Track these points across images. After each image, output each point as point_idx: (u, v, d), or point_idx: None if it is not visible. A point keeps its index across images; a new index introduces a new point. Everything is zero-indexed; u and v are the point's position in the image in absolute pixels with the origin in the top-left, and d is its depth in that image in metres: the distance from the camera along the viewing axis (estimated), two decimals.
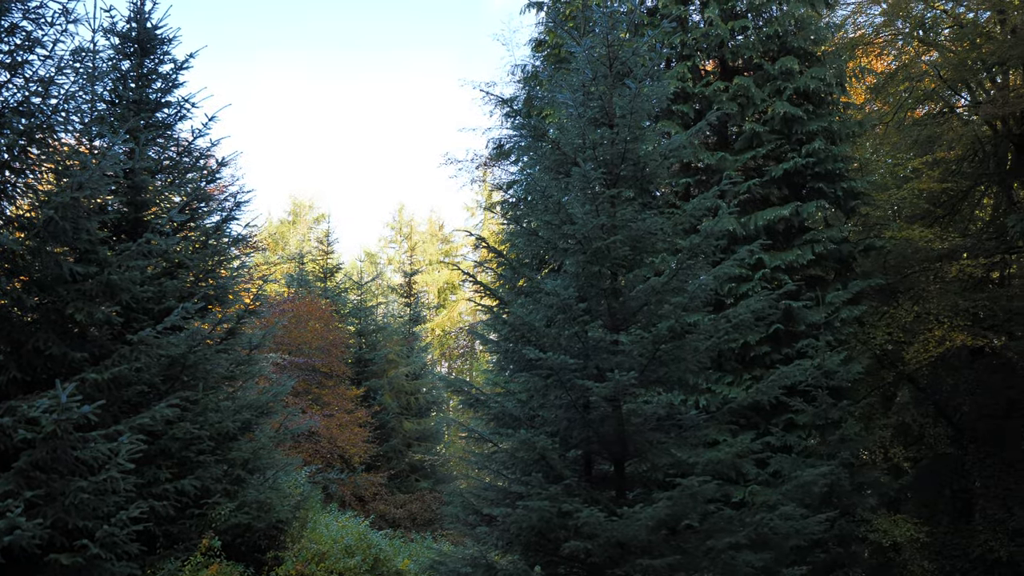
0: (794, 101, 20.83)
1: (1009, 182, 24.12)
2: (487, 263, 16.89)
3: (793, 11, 21.03)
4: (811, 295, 19.84)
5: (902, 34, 26.73)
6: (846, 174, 21.26)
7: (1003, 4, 23.87)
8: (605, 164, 12.18)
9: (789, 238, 20.67)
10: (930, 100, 26.82)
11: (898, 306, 22.68)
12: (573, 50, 12.93)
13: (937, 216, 25.12)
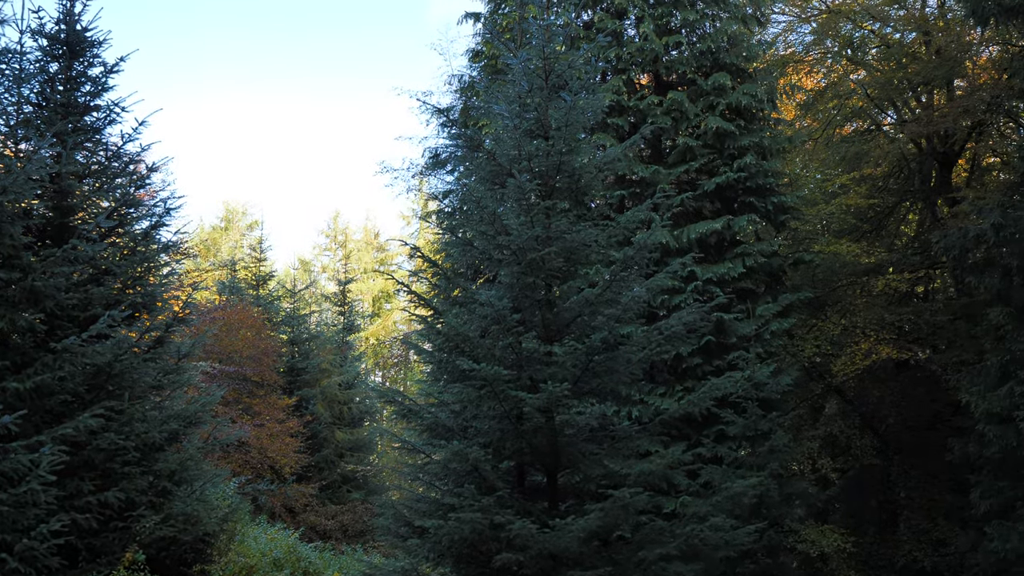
0: (726, 116, 21.13)
1: (933, 199, 24.75)
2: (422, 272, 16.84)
3: (726, 28, 21.36)
4: (742, 308, 20.12)
5: (831, 53, 27.33)
6: (776, 189, 21.62)
7: (928, 26, 24.54)
8: (540, 175, 12.21)
9: (721, 251, 20.94)
10: (858, 118, 27.45)
11: (826, 319, 23.11)
12: (509, 62, 12.95)
13: (864, 231, 25.67)
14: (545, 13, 13.41)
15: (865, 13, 25.90)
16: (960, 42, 23.39)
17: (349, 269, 51.67)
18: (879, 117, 27.47)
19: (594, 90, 13.80)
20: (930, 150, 24.73)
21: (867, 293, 24.47)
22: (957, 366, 20.94)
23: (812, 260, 22.31)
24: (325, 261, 57.36)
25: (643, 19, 21.53)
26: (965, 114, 22.44)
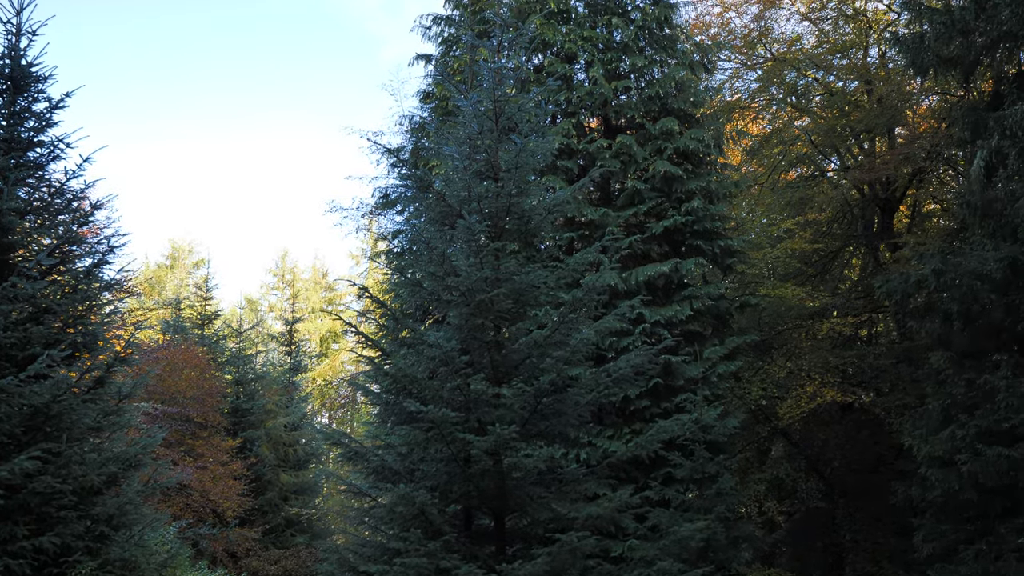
0: (674, 160, 21.37)
1: (876, 244, 25.21)
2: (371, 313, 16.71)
3: (674, 74, 21.67)
4: (689, 350, 20.22)
5: (776, 99, 27.87)
6: (723, 232, 21.85)
7: (870, 75, 25.15)
8: (490, 217, 12.23)
9: (669, 294, 21.07)
10: (802, 163, 27.96)
11: (772, 362, 23.32)
12: (460, 104, 13.01)
13: (809, 275, 26.05)
14: (496, 56, 13.47)
15: (809, 62, 26.49)
16: (901, 92, 23.99)
17: (297, 309, 51.20)
18: (823, 163, 28.01)
19: (544, 133, 13.91)
20: (872, 196, 25.24)
21: (812, 336, 24.77)
22: (900, 409, 21.22)
23: (758, 303, 22.54)
24: (272, 300, 56.80)
25: (593, 64, 21.77)
26: (906, 161, 22.96)
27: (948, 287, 15.68)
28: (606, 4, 22.59)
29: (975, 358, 15.80)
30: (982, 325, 15.65)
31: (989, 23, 15.73)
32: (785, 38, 27.83)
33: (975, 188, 15.71)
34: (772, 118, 28.97)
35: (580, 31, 21.90)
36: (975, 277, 14.99)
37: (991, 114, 15.64)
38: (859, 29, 26.32)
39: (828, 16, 27.00)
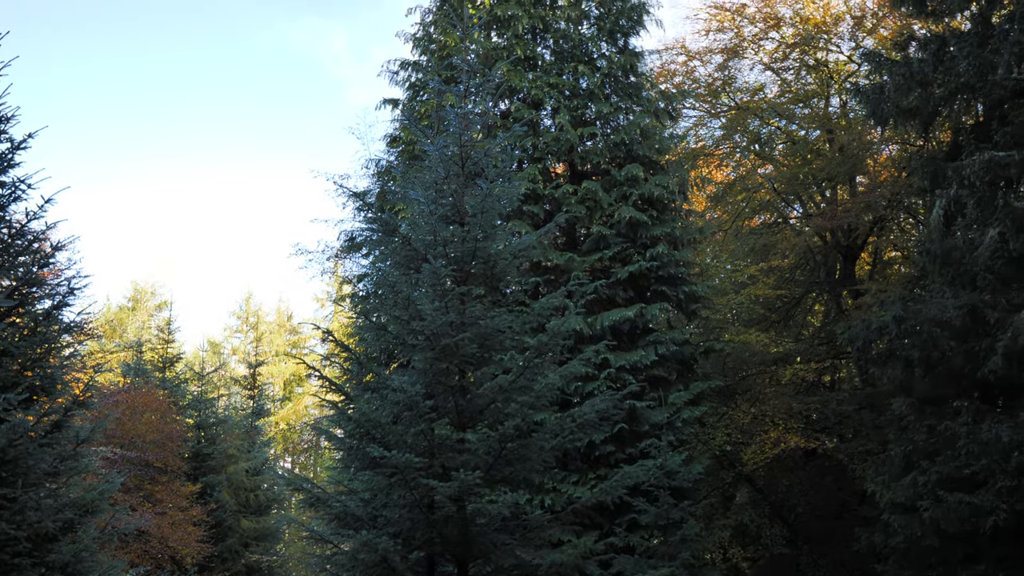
0: (639, 206, 21.55)
1: (838, 290, 25.49)
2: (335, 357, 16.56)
3: (639, 121, 21.91)
4: (654, 395, 20.24)
5: (740, 147, 28.27)
6: (688, 278, 22.00)
7: (831, 125, 25.59)
8: (456, 261, 12.23)
9: (634, 339, 21.14)
10: (766, 210, 28.31)
11: (736, 407, 23.41)
12: (427, 148, 13.05)
13: (772, 321, 26.27)
14: (463, 101, 13.56)
15: (772, 111, 26.91)
16: (861, 141, 24.41)
17: (260, 352, 50.71)
18: (786, 210, 28.37)
19: (510, 178, 13.98)
20: (834, 243, 25.56)
21: (776, 382, 24.92)
22: (863, 455, 21.33)
23: (722, 349, 22.67)
24: (236, 343, 56.25)
25: (559, 110, 21.98)
26: (867, 209, 23.31)
27: (909, 334, 15.84)
28: (572, 52, 22.88)
29: (936, 404, 15.93)
30: (943, 372, 15.81)
31: (947, 75, 16.08)
32: (748, 87, 28.30)
33: (935, 236, 15.95)
34: (736, 165, 29.35)
35: (547, 78, 22.13)
36: (935, 324, 15.17)
37: (950, 164, 15.92)
38: (821, 79, 26.82)
39: (790, 66, 27.50)
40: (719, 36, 27.75)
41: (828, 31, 26.12)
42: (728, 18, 27.50)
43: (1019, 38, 14.74)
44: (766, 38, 27.43)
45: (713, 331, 25.08)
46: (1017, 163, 14.59)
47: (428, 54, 23.43)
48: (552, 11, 23.45)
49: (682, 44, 28.60)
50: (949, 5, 17.19)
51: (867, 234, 25.35)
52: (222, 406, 36.14)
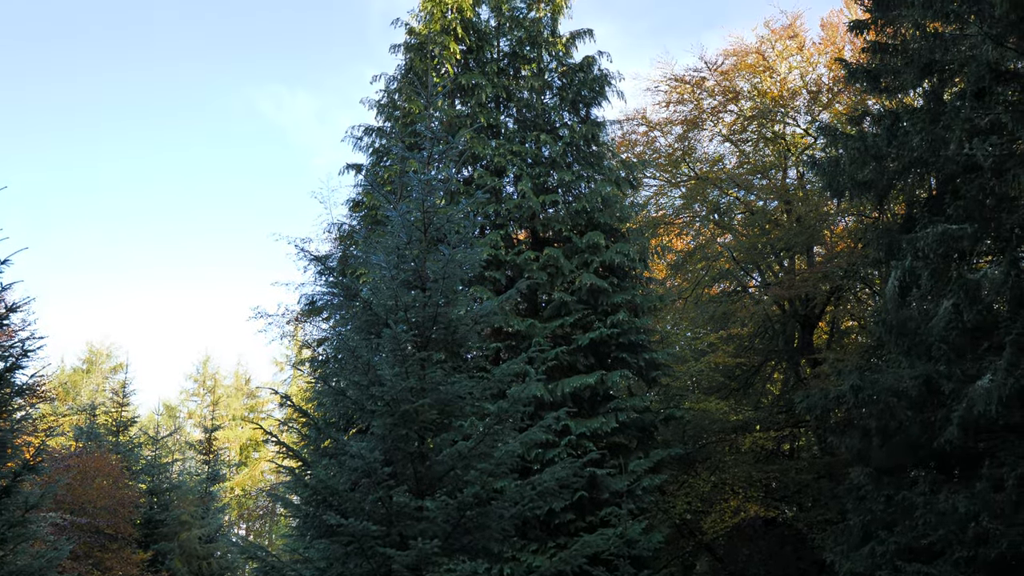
0: (600, 274, 21.69)
1: (796, 359, 25.69)
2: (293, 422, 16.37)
3: (600, 190, 22.16)
4: (615, 463, 20.17)
5: (699, 216, 28.65)
6: (648, 345, 22.08)
7: (789, 195, 26.04)
8: (417, 326, 12.21)
9: (595, 406, 21.11)
10: (725, 279, 28.60)
11: (697, 475, 23.37)
12: (389, 213, 13.10)
13: (732, 389, 26.36)
14: (426, 168, 13.67)
15: (730, 181, 27.35)
16: (818, 212, 24.82)
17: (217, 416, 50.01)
18: (745, 279, 28.67)
19: (472, 244, 14.03)
20: (793, 312, 25.82)
21: (735, 450, 24.94)
22: (822, 525, 21.31)
23: (683, 416, 22.69)
24: (192, 407, 55.42)
25: (521, 178, 22.19)
26: (824, 279, 23.62)
27: (866, 403, 15.96)
28: (535, 121, 23.20)
29: (893, 474, 16.00)
30: (900, 441, 15.91)
31: (901, 150, 16.44)
32: (708, 158, 28.78)
33: (890, 307, 16.16)
34: (696, 234, 29.69)
35: (510, 146, 22.38)
36: (892, 394, 15.30)
37: (904, 236, 16.20)
38: (778, 151, 27.34)
39: (748, 138, 28.04)
40: (679, 108, 28.30)
41: (785, 105, 26.71)
42: (688, 90, 28.06)
43: (970, 115, 15.15)
44: (725, 111, 27.99)
45: (673, 398, 25.10)
46: (969, 236, 14.89)
47: (392, 120, 23.62)
48: (516, 81, 23.84)
49: (643, 115, 29.13)
50: (902, 82, 17.65)
51: (824, 303, 25.66)
52: (176, 471, 35.48)
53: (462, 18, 23.74)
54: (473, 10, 24.00)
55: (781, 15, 28.03)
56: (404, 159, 19.30)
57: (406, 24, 24.15)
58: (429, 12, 23.72)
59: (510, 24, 24.06)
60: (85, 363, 53.43)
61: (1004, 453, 14.26)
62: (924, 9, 16.26)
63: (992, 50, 14.74)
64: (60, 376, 51.23)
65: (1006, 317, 14.90)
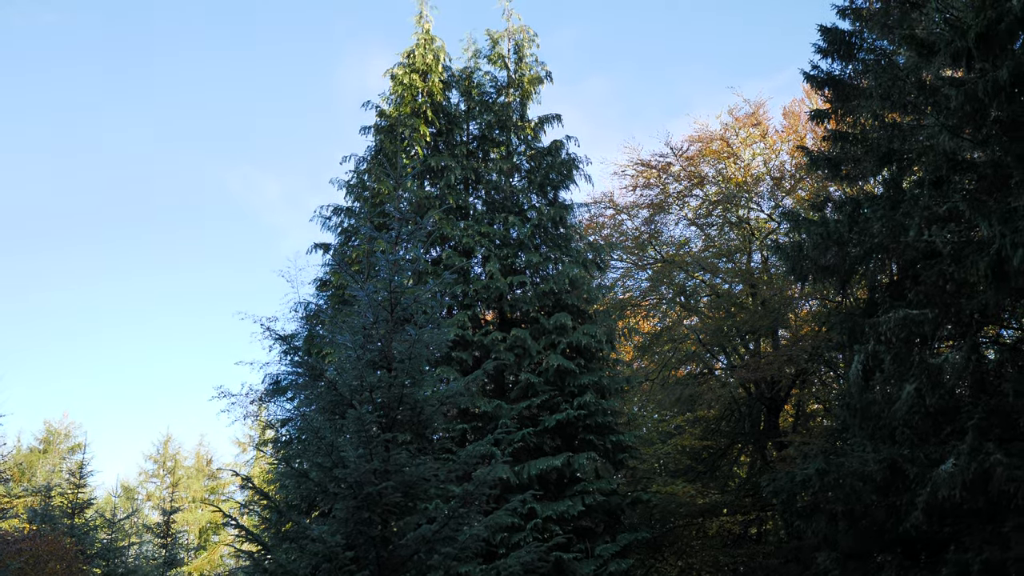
0: (568, 355, 21.71)
1: (763, 442, 25.70)
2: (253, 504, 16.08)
3: (568, 271, 22.31)
4: (581, 547, 19.93)
5: (666, 299, 28.87)
6: (615, 427, 22.02)
7: (754, 279, 26.34)
8: (382, 407, 12.11)
9: (561, 488, 20.93)
10: (692, 361, 28.71)
11: (664, 560, 23.15)
12: (356, 293, 13.09)
13: (699, 472, 26.27)
14: (394, 248, 13.72)
15: (696, 264, 27.66)
16: (783, 296, 25.11)
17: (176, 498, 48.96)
18: (711, 361, 28.80)
19: (439, 324, 14.03)
20: (759, 395, 25.92)
21: (703, 534, 24.76)
22: None
23: (649, 500, 22.52)
24: (151, 488, 54.19)
25: (489, 259, 22.32)
26: (789, 362, 23.78)
27: (832, 487, 15.96)
28: (504, 203, 23.44)
29: (860, 559, 15.95)
30: (865, 525, 15.88)
31: (862, 235, 16.74)
32: (674, 241, 29.14)
33: (854, 391, 16.26)
34: (662, 316, 29.89)
35: (478, 227, 22.55)
36: (857, 478, 15.32)
37: (867, 320, 16.40)
38: (743, 235, 27.74)
39: (714, 222, 28.45)
40: (646, 192, 28.74)
41: (749, 190, 27.19)
42: (654, 175, 28.52)
43: (928, 203, 15.49)
44: (690, 195, 28.45)
45: (640, 481, 24.96)
46: (930, 321, 15.10)
47: (361, 201, 23.76)
48: (484, 163, 24.14)
49: (610, 198, 29.55)
50: (862, 170, 18.08)
51: (790, 386, 25.79)
52: (133, 555, 34.61)
53: (432, 101, 24.12)
54: (443, 93, 24.41)
55: (744, 104, 28.64)
56: (372, 239, 19.35)
57: (376, 106, 24.49)
58: (400, 95, 24.08)
59: (479, 108, 24.47)
60: (42, 443, 52.32)
61: (969, 538, 14.27)
62: (882, 100, 16.74)
63: (949, 140, 15.14)
64: (16, 456, 50.09)
65: (968, 401, 15.06)
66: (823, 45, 18.49)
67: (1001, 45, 14.28)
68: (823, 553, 16.83)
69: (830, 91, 18.73)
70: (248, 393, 25.73)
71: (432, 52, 24.35)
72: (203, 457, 55.70)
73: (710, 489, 25.88)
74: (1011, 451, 13.69)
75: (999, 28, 13.95)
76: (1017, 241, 13.16)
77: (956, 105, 14.61)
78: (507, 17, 25.04)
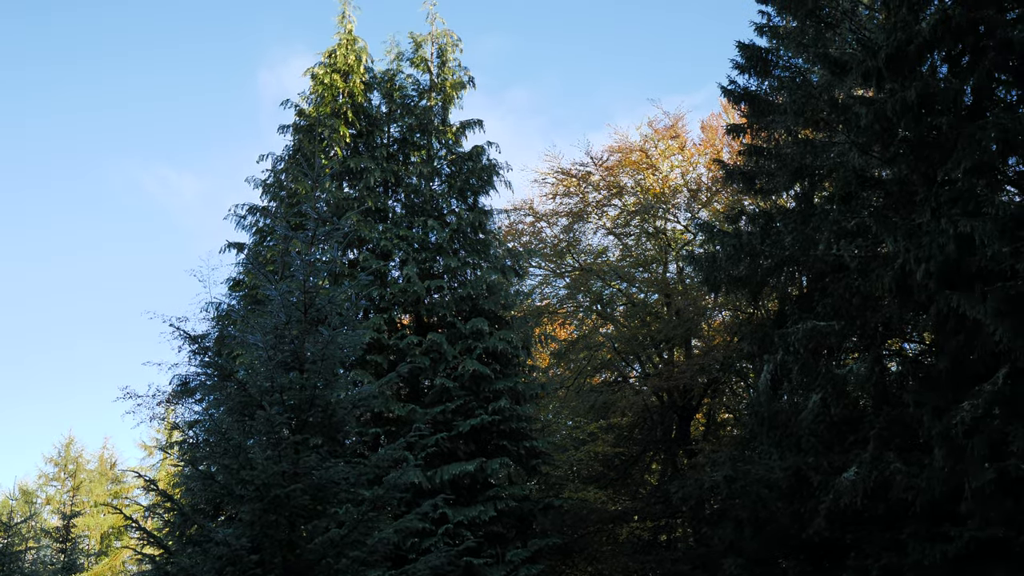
0: (483, 360, 21.68)
1: (674, 450, 26.03)
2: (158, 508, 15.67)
3: (486, 277, 22.32)
4: (492, 552, 19.91)
5: (583, 307, 29.10)
6: (529, 433, 22.06)
7: (669, 289, 26.71)
8: (293, 409, 11.92)
9: (474, 493, 20.88)
10: (607, 369, 28.97)
11: (574, 566, 23.26)
12: (269, 293, 12.87)
13: (611, 479, 26.49)
14: (309, 249, 13.54)
15: (613, 273, 27.93)
16: (697, 306, 25.49)
17: (78, 502, 47.59)
18: (626, 370, 29.10)
19: (354, 326, 13.89)
20: (671, 403, 26.26)
21: (613, 540, 24.95)
22: None
23: (561, 505, 22.62)
24: (51, 492, 52.54)
25: (407, 262, 22.19)
26: (701, 372, 24.14)
27: (739, 494, 16.24)
28: (423, 207, 23.34)
29: (765, 564, 16.25)
30: (771, 532, 16.20)
31: (774, 248, 17.10)
32: (592, 250, 29.38)
33: (763, 400, 16.59)
34: (579, 324, 30.10)
35: (397, 230, 22.42)
36: (763, 485, 15.62)
37: (776, 331, 16.75)
38: (659, 246, 28.10)
39: (631, 232, 28.76)
40: (566, 200, 28.93)
41: (667, 202, 27.56)
42: (574, 184, 28.72)
43: (837, 218, 15.90)
44: (609, 205, 28.72)
45: (553, 487, 25.05)
46: (837, 332, 15.49)
47: (278, 200, 23.40)
48: (405, 167, 24.02)
49: (530, 206, 29.67)
50: (775, 185, 18.47)
51: (702, 395, 26.18)
52: (30, 560, 33.47)
53: (353, 102, 23.90)
54: (364, 95, 24.20)
55: (664, 116, 29.06)
56: (288, 239, 19.08)
57: (296, 106, 24.16)
58: (320, 95, 23.79)
59: (401, 110, 24.34)
60: None
61: (869, 545, 14.65)
62: (796, 116, 17.13)
63: (858, 157, 15.59)
64: None
65: (871, 412, 15.49)
66: (741, 61, 18.83)
67: (910, 66, 14.74)
68: (730, 559, 17.10)
69: (746, 106, 19.08)
70: (155, 394, 25.05)
71: (354, 53, 24.13)
72: (107, 460, 54.18)
73: (622, 496, 26.12)
74: (910, 460, 14.12)
75: (908, 49, 14.40)
76: (920, 256, 13.58)
77: (866, 123, 15.03)
78: (431, 21, 24.98)
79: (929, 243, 13.53)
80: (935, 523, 13.98)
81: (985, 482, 13.06)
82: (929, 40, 14.27)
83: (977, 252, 12.93)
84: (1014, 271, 12.09)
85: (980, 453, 13.11)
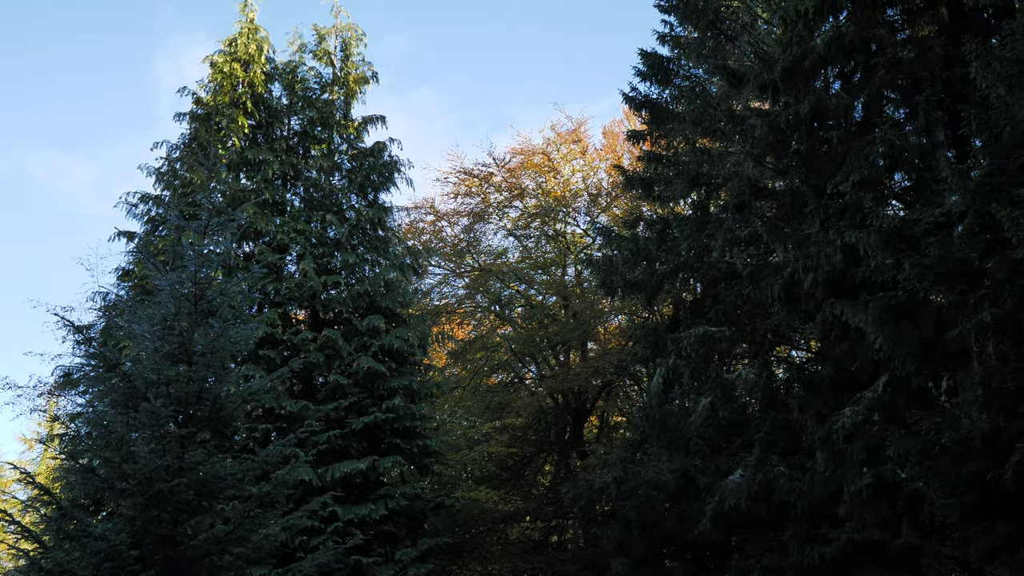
0: (379, 358, 21.51)
1: (567, 451, 26.28)
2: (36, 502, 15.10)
3: (384, 274, 22.16)
4: (381, 551, 19.76)
5: (481, 307, 29.16)
6: (423, 432, 21.97)
7: (567, 292, 26.97)
8: (180, 402, 11.63)
9: (365, 492, 20.70)
10: (504, 370, 29.10)
11: (464, 566, 23.29)
12: (159, 283, 12.53)
13: (504, 479, 26.60)
14: (202, 239, 13.24)
15: (513, 274, 28.06)
16: (593, 309, 25.80)
17: None
18: (522, 371, 29.26)
19: (247, 320, 13.64)
20: (566, 405, 26.50)
21: (504, 540, 25.06)
22: None
23: (453, 505, 22.61)
24: None
25: (304, 257, 21.87)
26: (596, 374, 24.43)
27: (628, 495, 16.48)
28: (322, 201, 23.04)
29: (652, 565, 16.53)
30: (658, 533, 16.48)
31: (670, 254, 17.41)
32: (492, 250, 29.48)
33: (654, 403, 16.87)
34: (477, 324, 30.14)
35: (294, 224, 22.08)
36: (652, 486, 15.88)
37: (669, 335, 17.04)
38: (559, 249, 28.35)
39: (532, 234, 28.95)
40: (467, 200, 28.95)
41: (567, 205, 27.82)
42: (476, 184, 28.77)
43: (731, 226, 16.28)
44: (510, 206, 28.86)
45: (445, 487, 25.03)
46: (727, 338, 15.85)
47: (171, 189, 22.77)
48: (304, 160, 23.67)
49: (432, 204, 29.60)
50: (673, 191, 18.81)
51: (596, 398, 26.48)
52: None
53: (253, 92, 23.42)
54: (265, 86, 23.74)
55: (567, 120, 29.32)
56: (180, 229, 18.63)
57: (193, 93, 23.55)
58: (219, 83, 23.25)
59: (302, 103, 23.98)
60: None
61: (751, 546, 15.02)
62: (694, 125, 17.49)
63: (753, 168, 15.96)
64: None
65: (757, 416, 15.87)
66: (643, 68, 19.11)
67: (805, 80, 15.15)
68: (618, 560, 17.32)
69: (647, 113, 19.38)
70: (36, 386, 24.21)
71: (255, 42, 23.66)
72: None
73: (514, 496, 26.25)
74: (793, 464, 14.51)
75: (804, 64, 14.80)
76: (808, 266, 13.97)
77: (761, 135, 15.42)
78: (335, 14, 24.68)
79: (817, 253, 13.93)
80: (815, 525, 14.41)
81: (863, 486, 13.48)
82: (823, 56, 14.68)
83: (862, 263, 13.36)
84: (895, 282, 12.51)
85: (859, 458, 13.53)
